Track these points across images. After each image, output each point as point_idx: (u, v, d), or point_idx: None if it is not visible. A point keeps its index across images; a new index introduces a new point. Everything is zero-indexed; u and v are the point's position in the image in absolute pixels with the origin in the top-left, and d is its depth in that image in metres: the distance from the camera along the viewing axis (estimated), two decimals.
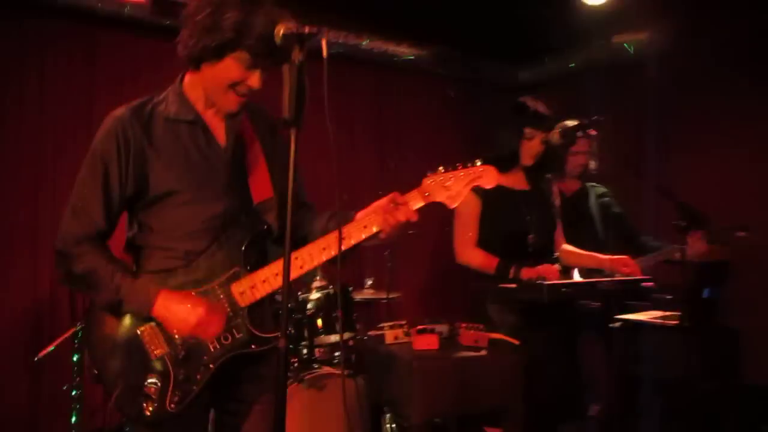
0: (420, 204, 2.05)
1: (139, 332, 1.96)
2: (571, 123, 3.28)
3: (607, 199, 4.21)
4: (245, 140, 2.12)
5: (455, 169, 2.08)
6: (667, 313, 3.37)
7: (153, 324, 1.95)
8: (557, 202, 3.47)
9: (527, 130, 3.25)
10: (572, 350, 3.29)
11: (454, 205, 2.07)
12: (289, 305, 1.79)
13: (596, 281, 3.01)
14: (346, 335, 3.54)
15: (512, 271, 3.11)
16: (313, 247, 2.00)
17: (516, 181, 3.33)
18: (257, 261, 2.05)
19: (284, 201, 2.05)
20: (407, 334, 2.81)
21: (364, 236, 2.01)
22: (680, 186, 3.57)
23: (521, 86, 6.33)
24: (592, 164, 4.04)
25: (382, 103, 6.05)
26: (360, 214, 2.06)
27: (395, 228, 2.00)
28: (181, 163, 2.00)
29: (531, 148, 3.26)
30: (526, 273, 3.06)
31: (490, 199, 3.18)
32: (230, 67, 1.93)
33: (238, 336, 1.98)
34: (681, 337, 3.15)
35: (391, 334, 2.81)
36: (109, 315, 1.98)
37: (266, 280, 1.99)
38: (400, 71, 5.94)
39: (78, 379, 3.66)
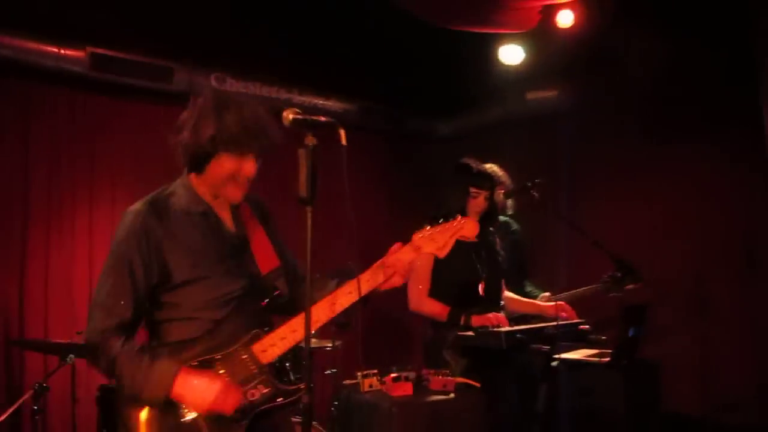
0: (412, 256, 2.30)
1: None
2: (511, 184, 3.63)
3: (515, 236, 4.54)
4: (247, 223, 2.35)
5: (439, 224, 2.36)
6: (597, 351, 3.77)
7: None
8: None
9: (473, 190, 3.55)
10: (520, 389, 3.60)
11: (443, 255, 2.34)
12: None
13: (544, 326, 3.35)
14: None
15: (463, 318, 3.40)
16: (323, 304, 2.22)
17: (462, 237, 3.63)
18: (273, 323, 2.24)
19: (289, 268, 2.36)
20: (381, 382, 3.02)
21: (368, 289, 2.25)
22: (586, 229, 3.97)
23: (441, 139, 6.74)
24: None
25: None
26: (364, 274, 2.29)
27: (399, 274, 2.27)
28: (198, 251, 2.18)
29: (477, 205, 3.56)
30: (476, 321, 3.35)
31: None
32: (223, 164, 2.16)
33: (264, 391, 2.14)
34: (613, 372, 3.53)
35: (366, 382, 3.01)
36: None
37: (285, 337, 2.18)
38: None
39: None
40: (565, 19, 5.23)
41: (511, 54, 5.72)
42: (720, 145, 5.04)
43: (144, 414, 2.09)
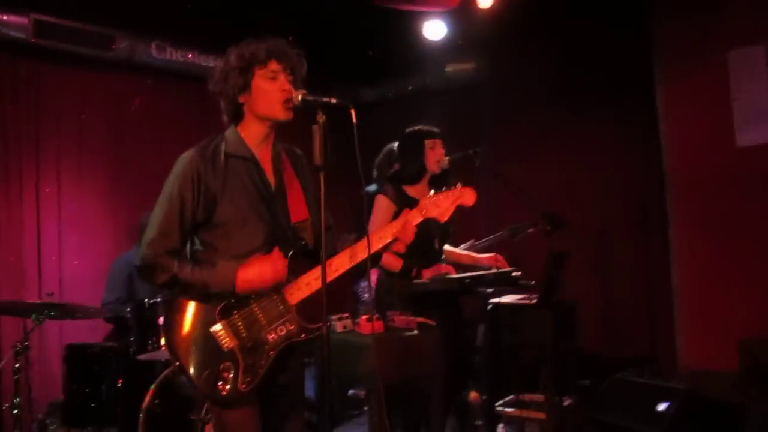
0: (420, 219, 2.70)
1: (212, 331, 2.42)
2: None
3: None
4: (285, 173, 2.65)
5: (442, 191, 2.73)
6: (525, 295, 4.35)
7: (225, 322, 2.42)
8: None
9: (428, 142, 3.92)
10: (461, 329, 4.13)
11: (445, 219, 2.73)
12: None
13: (485, 273, 3.88)
14: None
15: (414, 270, 3.86)
16: (343, 256, 2.57)
17: (421, 192, 3.82)
18: (299, 269, 2.60)
19: (316, 221, 2.65)
20: (355, 324, 3.44)
21: (381, 245, 2.63)
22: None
23: (365, 105, 7.13)
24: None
25: None
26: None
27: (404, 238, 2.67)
28: (241, 195, 2.49)
29: (436, 154, 3.92)
30: (427, 272, 3.83)
31: (401, 207, 3.84)
32: (259, 86, 2.48)
33: (291, 328, 2.49)
34: (538, 312, 4.12)
35: (340, 324, 3.42)
36: (186, 318, 2.43)
37: (309, 283, 2.52)
38: None
39: (18, 399, 3.84)
40: (485, 0, 5.75)
41: (434, 29, 6.18)
42: (619, 115, 5.75)
43: (186, 345, 2.43)
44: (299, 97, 2.46)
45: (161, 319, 4.03)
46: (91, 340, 4.84)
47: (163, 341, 3.91)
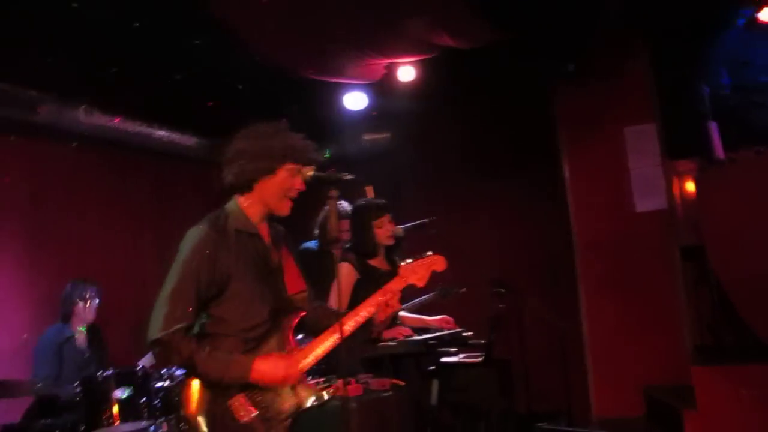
0: (403, 285, 2.91)
1: (229, 404, 2.46)
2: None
3: None
4: (281, 247, 2.77)
5: (417, 259, 2.98)
6: (467, 354, 4.61)
7: (242, 395, 2.47)
8: None
9: (376, 222, 4.16)
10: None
11: (422, 285, 2.97)
12: None
13: (444, 334, 4.11)
14: None
15: (374, 331, 4.02)
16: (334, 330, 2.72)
17: (380, 262, 4.21)
18: (301, 340, 2.70)
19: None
20: (331, 387, 3.52)
21: (369, 316, 2.81)
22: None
23: None
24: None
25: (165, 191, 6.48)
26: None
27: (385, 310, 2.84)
28: (250, 270, 2.58)
29: (385, 231, 4.14)
30: (387, 334, 4.00)
31: (362, 274, 4.03)
32: (282, 178, 2.61)
33: (302, 395, 2.60)
34: (485, 370, 4.39)
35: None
36: (203, 393, 2.46)
37: (315, 352, 2.66)
38: (181, 160, 6.46)
39: None
40: (407, 74, 6.13)
41: (355, 100, 6.48)
42: (528, 180, 6.29)
43: (204, 419, 2.45)
44: (309, 174, 2.61)
45: (116, 392, 3.93)
46: (7, 418, 4.57)
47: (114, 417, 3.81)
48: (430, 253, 3.03)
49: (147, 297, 5.71)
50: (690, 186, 5.92)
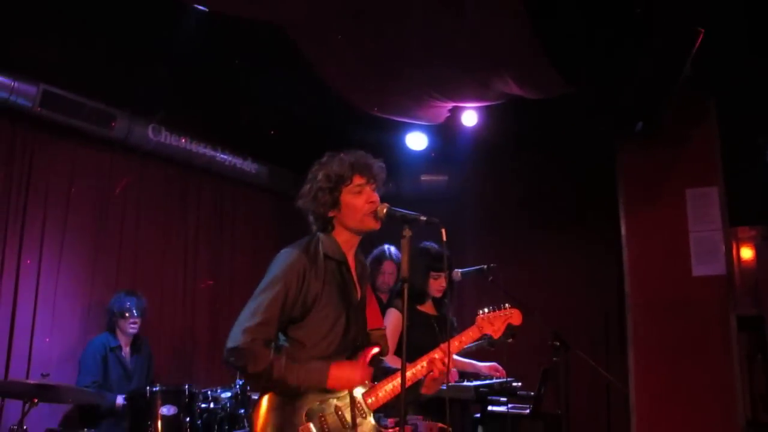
0: (479, 335, 2.92)
1: (299, 430, 2.45)
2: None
3: None
4: (364, 280, 2.78)
5: (494, 310, 2.99)
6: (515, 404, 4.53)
7: (312, 424, 2.46)
8: None
9: (433, 273, 4.13)
10: None
11: (497, 337, 2.95)
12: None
13: (493, 383, 4.05)
14: None
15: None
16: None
17: (428, 308, 4.20)
18: (377, 375, 2.69)
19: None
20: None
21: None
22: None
23: None
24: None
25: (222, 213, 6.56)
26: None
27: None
28: (336, 297, 2.59)
29: (438, 284, 4.13)
30: None
31: (411, 319, 4.00)
32: (347, 202, 2.62)
33: (368, 430, 2.57)
34: (532, 422, 4.31)
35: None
36: (274, 419, 2.45)
37: (386, 390, 2.63)
38: (240, 184, 6.56)
39: None
40: (470, 119, 6.17)
41: (416, 140, 6.54)
42: (585, 236, 6.22)
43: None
44: (384, 210, 2.61)
45: (162, 409, 3.95)
46: (49, 422, 4.62)
47: None
48: (507, 305, 3.01)
49: (195, 317, 5.81)
50: (750, 254, 5.81)
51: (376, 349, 2.66)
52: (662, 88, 5.13)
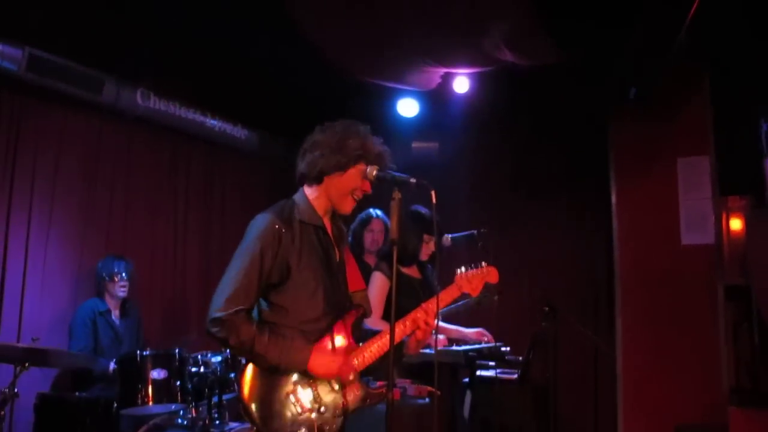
0: (458, 294, 2.91)
1: (289, 397, 2.47)
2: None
3: None
4: (344, 242, 2.79)
5: (472, 269, 2.97)
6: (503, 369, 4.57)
7: (301, 389, 2.48)
8: None
9: (426, 236, 4.15)
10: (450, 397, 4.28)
11: (476, 294, 2.95)
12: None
13: (482, 347, 4.09)
14: None
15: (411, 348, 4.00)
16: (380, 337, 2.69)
17: (413, 271, 4.21)
18: (360, 336, 2.70)
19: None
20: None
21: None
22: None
23: None
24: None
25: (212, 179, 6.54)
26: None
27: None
28: (313, 261, 2.59)
29: (429, 248, 4.16)
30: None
31: (396, 283, 4.00)
32: (352, 177, 2.62)
33: (357, 393, 2.59)
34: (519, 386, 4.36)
35: None
36: (263, 384, 2.47)
37: (371, 351, 2.64)
38: (230, 150, 6.53)
39: None
40: (462, 86, 6.14)
41: (407, 107, 6.50)
42: (575, 206, 6.24)
43: (259, 406, 2.46)
44: (373, 173, 2.60)
45: (152, 373, 3.97)
46: (41, 386, 4.63)
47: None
48: (484, 263, 3.01)
49: (185, 282, 5.79)
50: (739, 224, 5.82)
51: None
52: (656, 57, 5.10)
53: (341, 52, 5.65)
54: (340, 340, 2.63)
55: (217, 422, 3.99)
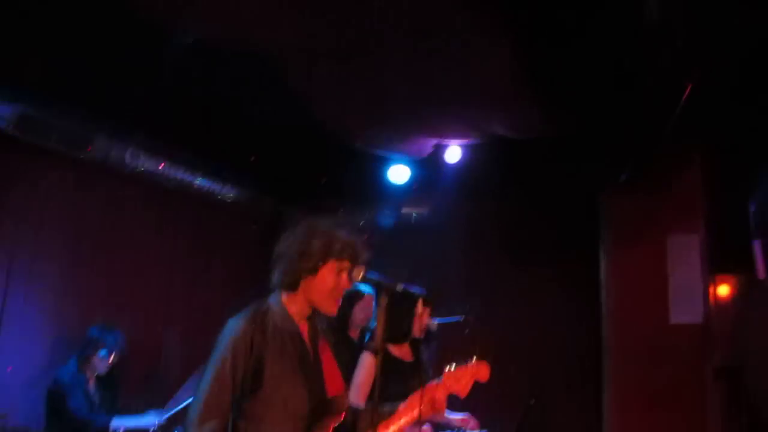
0: (446, 395, 2.77)
1: None
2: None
3: None
4: (320, 346, 2.66)
5: (460, 366, 2.82)
6: None
7: None
8: None
9: (418, 309, 4.00)
10: None
11: (464, 395, 2.82)
12: None
13: None
14: None
15: None
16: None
17: (404, 353, 4.01)
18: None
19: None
20: None
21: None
22: None
23: None
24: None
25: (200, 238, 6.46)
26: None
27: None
28: (288, 369, 2.47)
29: (423, 320, 4.00)
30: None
31: (384, 365, 3.87)
32: (326, 277, 2.52)
33: None
34: None
35: None
36: None
37: None
38: (218, 210, 6.46)
39: None
40: (453, 155, 6.13)
41: (399, 174, 6.48)
42: (564, 278, 6.16)
43: None
44: (360, 275, 2.53)
45: None
46: None
47: None
48: (474, 359, 2.88)
49: (168, 341, 5.55)
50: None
51: None
52: (649, 139, 5.13)
53: (333, 117, 5.64)
54: None
55: None
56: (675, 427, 5.50)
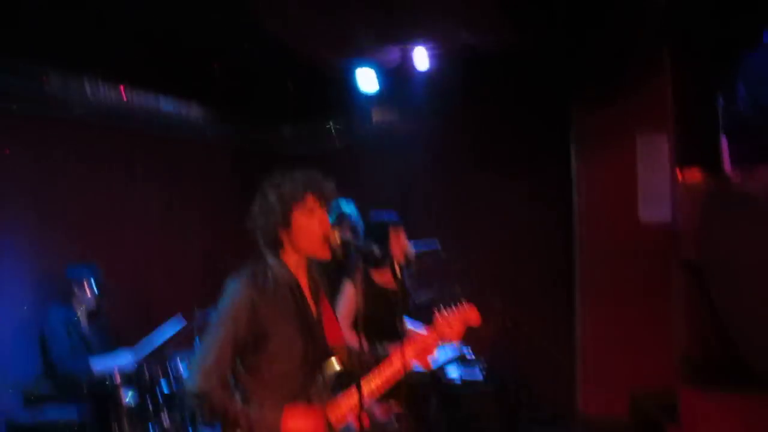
0: (437, 342, 2.83)
1: None
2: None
3: None
4: (320, 296, 2.75)
5: (450, 311, 2.83)
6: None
7: None
8: None
9: (392, 229, 4.05)
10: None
11: (456, 340, 2.86)
12: None
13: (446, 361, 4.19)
14: None
15: None
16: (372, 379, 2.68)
17: (386, 279, 4.10)
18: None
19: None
20: None
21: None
22: None
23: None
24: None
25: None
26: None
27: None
28: (289, 322, 2.56)
29: (400, 241, 4.05)
30: None
31: (367, 293, 3.94)
32: (299, 222, 2.57)
33: None
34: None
35: None
36: None
37: (352, 408, 2.57)
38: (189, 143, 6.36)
39: None
40: (422, 61, 6.01)
41: (368, 82, 6.35)
42: (536, 182, 6.26)
43: None
44: (338, 240, 2.57)
45: (125, 400, 3.98)
46: None
47: None
48: (463, 302, 2.85)
49: (150, 281, 5.66)
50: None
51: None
52: (618, 38, 5.06)
53: (295, 28, 5.46)
54: (321, 398, 2.63)
55: None
56: (642, 320, 5.79)
